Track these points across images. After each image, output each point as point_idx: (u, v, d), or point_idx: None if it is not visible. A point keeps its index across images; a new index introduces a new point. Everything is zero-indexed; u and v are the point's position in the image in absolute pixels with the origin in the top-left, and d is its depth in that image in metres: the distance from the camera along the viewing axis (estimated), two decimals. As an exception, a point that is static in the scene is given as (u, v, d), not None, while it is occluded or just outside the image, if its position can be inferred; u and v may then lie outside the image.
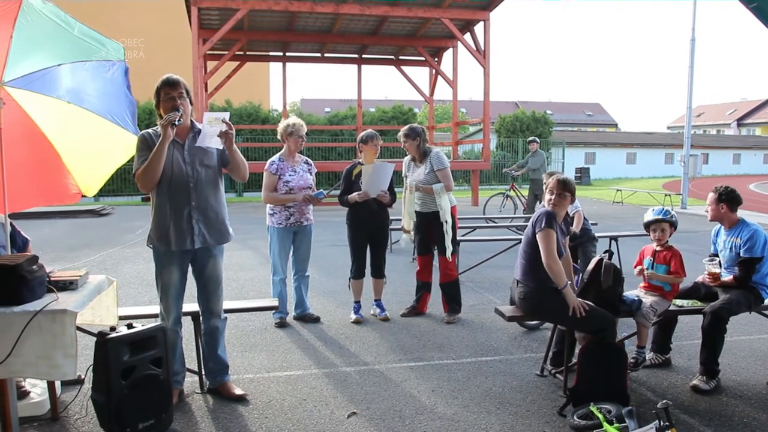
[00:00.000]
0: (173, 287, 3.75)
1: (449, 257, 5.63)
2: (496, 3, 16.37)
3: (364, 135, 5.72)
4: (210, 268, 3.84)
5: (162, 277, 3.75)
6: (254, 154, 23.55)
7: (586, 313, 3.84)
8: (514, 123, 30.10)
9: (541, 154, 13.07)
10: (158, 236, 3.70)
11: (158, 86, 3.65)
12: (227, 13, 15.43)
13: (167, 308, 3.77)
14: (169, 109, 3.57)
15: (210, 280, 3.86)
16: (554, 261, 3.87)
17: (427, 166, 5.63)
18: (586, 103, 64.03)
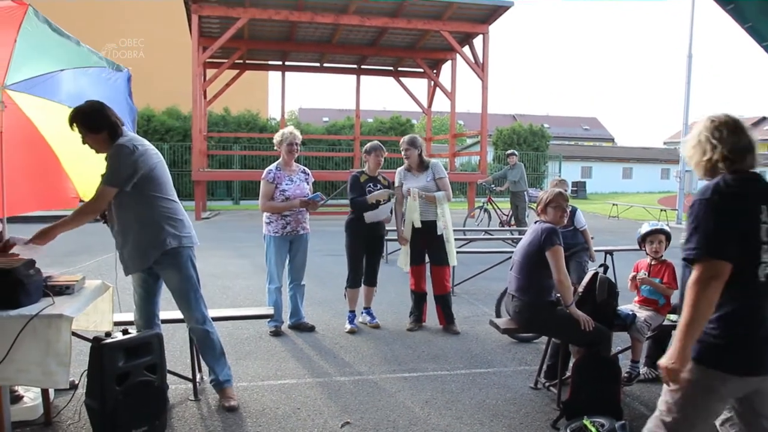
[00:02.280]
0: (137, 295, 3.83)
1: (454, 263, 5.71)
2: (495, 17, 16.49)
3: (369, 146, 5.82)
4: (167, 280, 3.78)
5: (132, 283, 3.84)
6: (252, 162, 23.58)
7: (583, 327, 3.85)
8: (512, 136, 30.23)
9: (520, 166, 13.09)
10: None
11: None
12: (228, 22, 15.50)
13: (136, 313, 3.87)
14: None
15: (172, 292, 3.80)
16: (566, 277, 3.91)
17: (428, 175, 5.68)
18: (583, 117, 64.25)
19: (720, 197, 2.21)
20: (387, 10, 15.80)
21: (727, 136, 2.32)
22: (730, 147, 2.30)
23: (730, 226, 2.18)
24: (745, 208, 2.24)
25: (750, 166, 2.33)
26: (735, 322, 2.23)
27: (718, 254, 2.16)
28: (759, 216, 2.23)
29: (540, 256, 3.97)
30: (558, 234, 4.01)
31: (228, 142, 24.26)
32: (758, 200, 2.25)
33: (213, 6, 15.02)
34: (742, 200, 2.24)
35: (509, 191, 13.24)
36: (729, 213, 2.20)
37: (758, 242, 2.22)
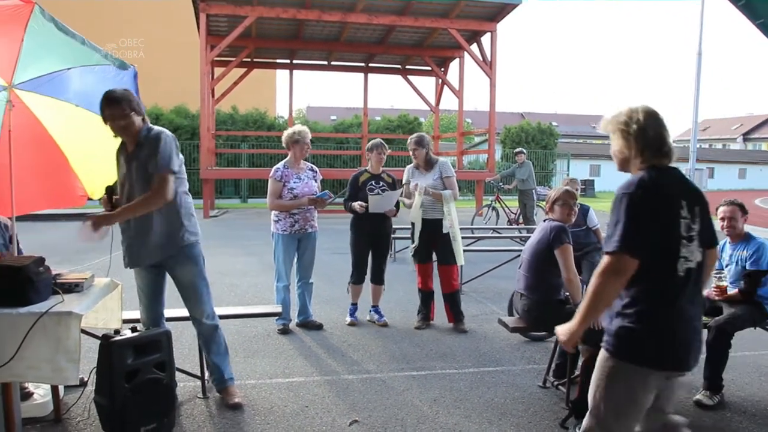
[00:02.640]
0: (143, 292, 3.81)
1: (461, 262, 5.69)
2: (503, 14, 16.43)
3: (371, 144, 5.87)
4: (179, 275, 3.77)
5: (136, 281, 3.82)
6: (259, 160, 23.60)
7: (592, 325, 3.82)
8: (520, 134, 30.11)
9: (528, 164, 13.06)
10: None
11: (100, 105, 3.47)
12: (235, 20, 15.52)
13: (142, 311, 3.85)
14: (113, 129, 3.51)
15: (182, 287, 3.80)
16: (575, 275, 3.89)
17: (436, 173, 5.66)
18: (591, 116, 63.97)
19: (643, 192, 2.24)
20: (394, 8, 15.77)
21: (648, 129, 2.35)
22: (651, 141, 2.34)
23: (649, 222, 2.22)
24: (666, 203, 2.26)
25: (669, 160, 2.36)
26: (655, 316, 2.26)
27: (630, 251, 2.19)
28: (679, 211, 2.27)
29: (549, 254, 3.96)
30: (567, 232, 3.99)
31: (236, 141, 24.31)
32: (678, 195, 2.29)
33: (221, 4, 15.05)
34: (664, 195, 2.27)
35: (517, 189, 13.21)
36: (650, 208, 2.23)
37: (678, 237, 2.25)
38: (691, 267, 2.27)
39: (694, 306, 2.32)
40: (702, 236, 2.33)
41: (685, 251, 2.26)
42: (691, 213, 2.30)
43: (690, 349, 2.30)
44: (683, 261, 2.25)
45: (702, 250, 2.34)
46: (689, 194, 2.33)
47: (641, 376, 2.28)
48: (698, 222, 2.32)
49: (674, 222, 2.26)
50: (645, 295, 2.26)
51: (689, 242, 2.27)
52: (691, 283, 2.29)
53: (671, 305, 2.26)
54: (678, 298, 2.27)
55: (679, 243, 2.25)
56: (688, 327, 2.29)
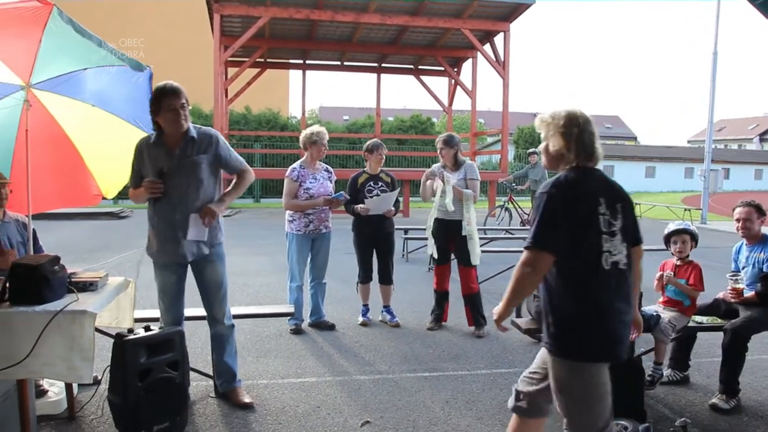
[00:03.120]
0: (168, 293, 3.78)
1: (476, 262, 5.61)
2: (516, 14, 16.36)
3: (370, 144, 5.86)
4: (208, 274, 3.79)
5: (157, 282, 3.78)
6: (272, 160, 23.71)
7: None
8: (533, 134, 29.98)
9: (542, 165, 13.01)
10: (148, 246, 3.77)
11: (156, 94, 3.53)
12: (249, 21, 15.56)
13: (163, 311, 3.82)
14: (172, 120, 3.53)
15: (208, 286, 3.82)
16: None
17: (461, 174, 5.59)
18: (605, 116, 63.64)
19: (557, 190, 2.39)
20: (408, 9, 15.76)
21: (578, 132, 2.49)
22: (586, 145, 2.49)
23: (565, 219, 2.36)
24: (582, 200, 2.40)
25: (594, 162, 2.52)
26: (588, 312, 2.37)
27: (543, 247, 2.36)
28: (597, 208, 2.39)
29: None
30: None
31: (249, 141, 24.41)
32: (596, 193, 2.42)
33: (235, 5, 15.10)
34: (580, 193, 2.41)
35: (530, 190, 13.15)
36: (565, 205, 2.37)
37: (598, 232, 2.38)
38: (616, 261, 2.39)
39: (622, 300, 2.42)
40: (625, 233, 2.46)
41: (608, 245, 2.38)
42: (610, 209, 2.42)
43: (621, 341, 2.42)
44: (608, 255, 2.38)
45: (627, 246, 2.46)
46: (609, 192, 2.46)
47: (595, 371, 2.39)
48: (620, 219, 2.45)
49: (593, 218, 2.38)
50: (575, 291, 2.38)
51: (611, 237, 2.40)
52: (619, 278, 2.40)
53: (600, 299, 2.37)
54: (606, 291, 2.38)
55: (600, 238, 2.38)
56: (617, 320, 2.40)
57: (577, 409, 2.44)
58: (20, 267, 2.94)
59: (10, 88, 3.69)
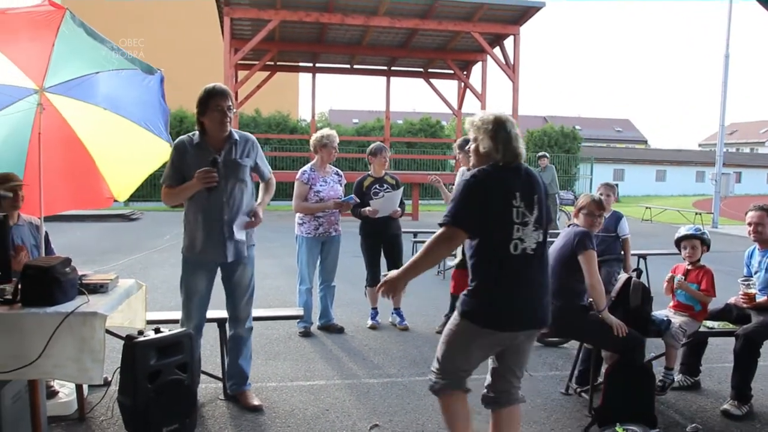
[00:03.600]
0: (198, 295, 3.76)
1: None
2: (526, 17, 16.34)
3: (373, 147, 5.87)
4: (239, 276, 3.84)
5: (187, 284, 3.76)
6: (282, 163, 23.74)
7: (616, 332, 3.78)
8: (543, 138, 29.87)
9: (551, 168, 12.98)
10: (189, 246, 3.73)
11: (204, 94, 3.60)
12: (259, 24, 15.62)
13: (189, 315, 3.78)
14: (219, 120, 3.58)
15: (238, 287, 3.86)
16: (599, 282, 3.82)
17: None
18: (615, 119, 63.32)
19: (475, 181, 2.72)
20: (417, 12, 15.76)
21: (504, 135, 2.79)
22: (511, 146, 2.79)
23: (478, 205, 2.68)
24: (497, 192, 2.71)
25: (514, 159, 2.80)
26: (493, 287, 2.72)
27: (458, 224, 2.69)
28: (511, 201, 2.70)
29: (572, 260, 3.90)
30: (591, 238, 3.93)
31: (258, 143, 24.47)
32: (513, 188, 2.73)
33: (245, 8, 15.17)
34: (496, 185, 2.72)
35: None
36: (479, 194, 2.69)
37: (510, 222, 2.69)
38: (525, 247, 2.71)
39: (533, 279, 2.77)
40: (540, 222, 2.77)
41: (518, 234, 2.70)
42: (525, 202, 2.72)
43: (522, 314, 2.76)
44: (518, 242, 2.69)
45: (543, 233, 2.79)
46: (526, 187, 2.76)
47: (478, 334, 2.74)
48: (536, 210, 2.76)
49: (506, 208, 2.69)
50: (486, 269, 2.73)
51: (523, 226, 2.71)
52: (529, 260, 2.73)
53: (507, 277, 2.71)
54: (514, 271, 2.71)
55: (511, 227, 2.69)
56: (523, 296, 2.75)
57: (450, 355, 2.84)
58: (32, 268, 2.96)
59: (23, 92, 3.72)
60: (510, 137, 2.79)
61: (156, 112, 4.08)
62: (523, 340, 2.85)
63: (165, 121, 4.14)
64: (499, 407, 2.96)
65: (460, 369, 2.86)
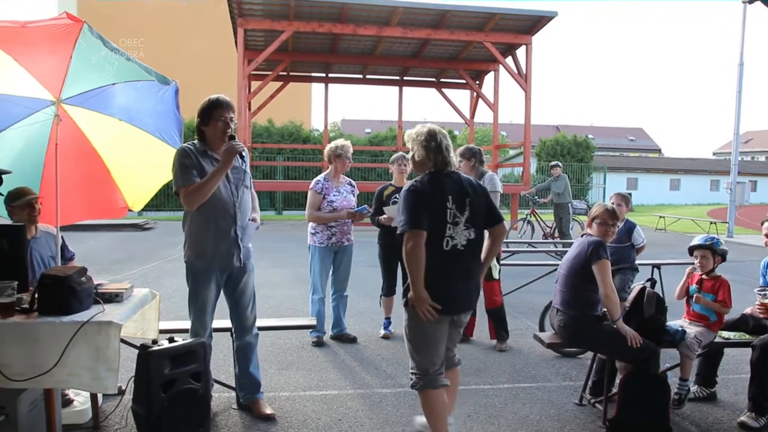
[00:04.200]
0: (210, 304, 3.75)
1: (496, 277, 5.53)
2: (538, 27, 16.35)
3: (393, 157, 5.92)
4: (244, 284, 3.86)
5: (199, 294, 3.70)
6: (294, 173, 23.87)
7: (630, 343, 3.76)
8: (555, 147, 29.81)
9: (564, 178, 12.90)
10: (199, 254, 3.66)
11: (209, 104, 3.62)
12: (272, 35, 15.75)
13: (204, 324, 3.74)
14: (222, 130, 3.60)
15: (244, 295, 3.87)
16: (613, 291, 3.80)
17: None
18: (628, 128, 63.09)
19: (414, 189, 3.16)
20: (429, 22, 15.83)
21: (435, 146, 3.22)
22: (442, 156, 3.22)
23: (421, 207, 3.10)
24: (433, 197, 3.13)
25: (444, 167, 3.23)
26: (431, 277, 3.07)
27: (416, 226, 3.06)
28: (445, 204, 3.13)
29: (586, 269, 3.88)
30: (605, 247, 3.91)
31: (271, 153, 24.62)
32: (445, 192, 3.16)
33: (258, 20, 15.31)
34: (432, 191, 3.15)
35: (553, 203, 13.07)
36: (418, 199, 3.12)
37: (444, 222, 3.12)
38: (455, 244, 3.14)
39: (463, 270, 3.18)
40: (472, 222, 3.18)
41: (450, 232, 3.13)
42: (456, 204, 3.15)
43: (455, 300, 3.18)
44: (449, 239, 3.13)
45: (475, 230, 3.20)
46: (458, 191, 3.18)
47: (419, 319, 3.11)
48: (467, 212, 3.17)
49: (440, 210, 3.12)
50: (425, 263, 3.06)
51: (455, 226, 3.14)
52: (459, 255, 3.15)
53: (440, 269, 3.11)
54: (446, 264, 3.13)
55: (444, 226, 3.12)
56: (455, 285, 3.16)
57: (415, 338, 3.23)
58: (48, 278, 3.00)
59: (41, 103, 3.78)
60: (440, 147, 3.21)
61: (170, 123, 4.13)
62: (457, 320, 3.30)
63: (179, 131, 4.19)
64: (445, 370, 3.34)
65: (432, 360, 3.21)
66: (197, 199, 3.51)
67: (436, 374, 3.22)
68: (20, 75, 3.54)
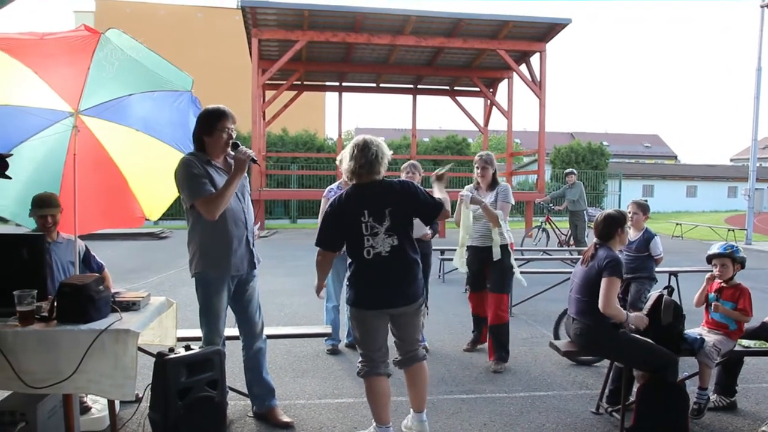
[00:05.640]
0: (223, 312, 3.75)
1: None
2: (552, 34, 16.32)
3: (403, 165, 5.77)
4: (252, 289, 3.88)
5: (213, 304, 3.69)
6: (309, 181, 23.96)
7: (646, 350, 3.73)
8: (570, 154, 29.68)
9: (579, 185, 12.82)
10: (213, 263, 3.64)
11: (213, 115, 3.61)
12: (286, 45, 15.86)
13: (219, 333, 3.75)
14: (224, 141, 3.62)
15: (251, 301, 3.89)
16: (611, 307, 3.78)
17: (493, 197, 5.31)
18: (644, 135, 62.67)
19: (331, 209, 3.50)
20: (443, 30, 15.86)
21: (357, 155, 3.44)
22: (356, 164, 3.44)
23: (332, 228, 3.50)
24: (349, 214, 3.42)
25: (371, 178, 3.46)
26: (359, 279, 3.48)
27: (325, 246, 3.55)
28: (360, 218, 3.39)
29: (598, 278, 3.86)
30: (621, 265, 3.86)
31: (286, 162, 24.75)
32: (362, 207, 3.40)
33: (273, 30, 15.42)
34: (347, 209, 3.43)
35: (568, 210, 13.01)
36: (334, 218, 3.48)
37: (360, 233, 3.39)
38: (378, 252, 3.40)
39: (392, 274, 3.44)
40: (394, 229, 3.41)
41: (369, 243, 3.40)
42: (373, 216, 3.39)
43: (383, 298, 3.45)
44: (370, 249, 3.40)
45: (398, 237, 3.42)
46: (376, 202, 3.40)
47: (363, 314, 3.50)
48: (388, 219, 3.39)
49: (355, 225, 3.40)
50: (352, 267, 3.50)
51: (374, 237, 3.39)
52: (383, 260, 3.40)
53: (366, 273, 3.44)
54: (371, 269, 3.42)
55: (362, 238, 3.39)
56: (383, 285, 3.43)
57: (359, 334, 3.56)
58: (67, 286, 3.03)
59: (60, 115, 3.84)
60: (365, 158, 3.41)
61: (186, 133, 4.15)
62: (400, 316, 3.53)
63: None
64: (408, 366, 3.63)
65: (373, 349, 3.52)
66: (218, 207, 3.49)
67: (378, 362, 3.51)
68: (39, 87, 3.60)
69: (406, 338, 3.60)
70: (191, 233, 3.71)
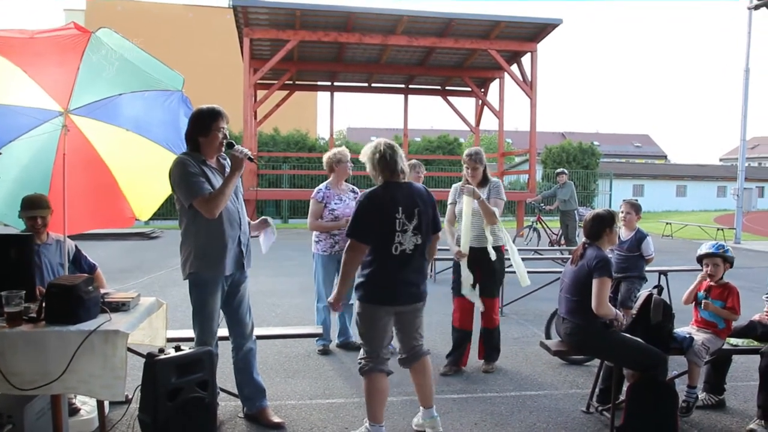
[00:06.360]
0: (217, 312, 3.74)
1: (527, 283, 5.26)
2: (543, 35, 16.35)
3: (408, 164, 5.76)
4: (243, 290, 3.87)
5: (208, 304, 3.67)
6: (300, 181, 23.91)
7: (636, 349, 3.75)
8: (561, 154, 29.77)
9: (570, 185, 12.87)
10: (210, 263, 3.61)
11: (208, 115, 3.59)
12: (278, 44, 15.81)
13: (213, 333, 3.73)
14: (219, 141, 3.63)
15: (243, 301, 3.88)
16: (603, 306, 3.80)
17: (485, 193, 5.11)
18: (634, 134, 62.99)
19: (366, 201, 3.53)
20: (435, 30, 15.86)
21: (378, 158, 3.56)
22: (384, 167, 3.56)
23: (369, 220, 3.48)
24: (383, 207, 3.48)
25: (396, 178, 3.58)
26: (379, 276, 3.51)
27: (359, 239, 3.50)
28: (394, 214, 3.47)
29: (589, 278, 3.87)
30: (610, 265, 3.88)
31: (277, 162, 24.69)
32: (396, 203, 3.49)
33: (264, 29, 15.37)
34: (382, 203, 3.49)
35: (559, 210, 13.05)
36: (370, 211, 3.49)
37: (392, 230, 3.47)
38: (404, 249, 3.50)
39: (411, 271, 3.56)
40: (419, 229, 3.53)
41: (398, 239, 3.48)
42: (405, 214, 3.49)
43: (399, 295, 3.56)
44: (398, 245, 3.48)
45: (422, 236, 3.55)
46: (407, 201, 3.52)
47: (375, 310, 3.55)
48: (415, 220, 3.52)
49: (390, 220, 3.46)
50: (373, 263, 3.51)
51: (403, 233, 3.49)
52: (406, 258, 3.51)
53: (388, 270, 3.50)
54: (393, 265, 3.49)
55: (393, 233, 3.47)
56: (401, 282, 3.54)
57: (365, 329, 3.61)
58: (56, 287, 3.01)
59: (49, 114, 3.82)
60: (386, 162, 3.54)
61: (177, 132, 4.14)
62: (409, 312, 3.65)
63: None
64: (414, 362, 3.73)
65: (382, 345, 3.59)
66: (218, 205, 3.49)
67: (383, 358, 3.58)
68: (28, 86, 3.58)
69: (412, 333, 3.72)
70: (185, 234, 3.67)
